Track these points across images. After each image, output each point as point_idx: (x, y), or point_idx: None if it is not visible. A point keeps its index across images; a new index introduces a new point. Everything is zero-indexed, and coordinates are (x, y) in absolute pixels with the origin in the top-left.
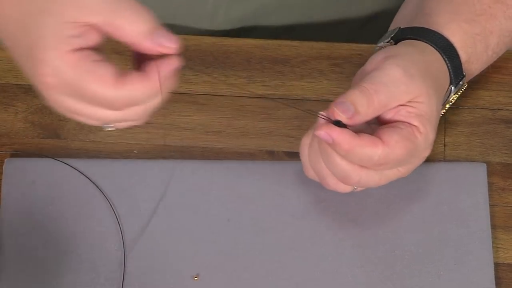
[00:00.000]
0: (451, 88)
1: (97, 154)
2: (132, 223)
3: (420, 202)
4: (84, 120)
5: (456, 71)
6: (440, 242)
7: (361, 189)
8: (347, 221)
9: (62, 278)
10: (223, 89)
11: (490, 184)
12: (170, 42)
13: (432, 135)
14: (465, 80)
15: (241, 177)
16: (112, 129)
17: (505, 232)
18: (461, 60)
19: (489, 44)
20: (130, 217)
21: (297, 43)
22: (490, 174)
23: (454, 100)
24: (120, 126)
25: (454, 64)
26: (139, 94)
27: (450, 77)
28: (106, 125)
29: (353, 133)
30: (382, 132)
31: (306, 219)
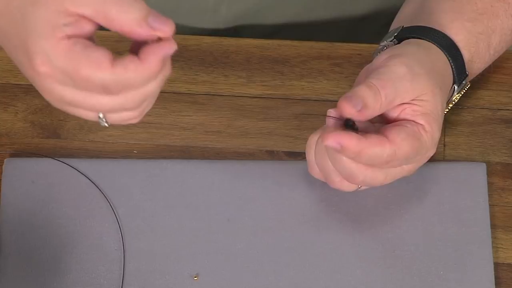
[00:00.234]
0: (455, 87)
1: (97, 154)
2: (132, 223)
3: (420, 202)
4: (80, 113)
5: (460, 70)
6: (440, 242)
7: (365, 188)
8: (347, 221)
9: (62, 278)
10: (223, 89)
11: (490, 184)
12: (164, 25)
13: (438, 134)
14: (468, 79)
15: (241, 177)
16: (107, 125)
17: (505, 232)
18: (465, 59)
19: (491, 43)
20: (130, 217)
21: (297, 43)
22: (490, 174)
23: (457, 100)
24: (116, 121)
25: (458, 63)
26: (135, 76)
27: (454, 76)
28: (102, 120)
29: (360, 136)
30: (388, 131)
31: (306, 219)
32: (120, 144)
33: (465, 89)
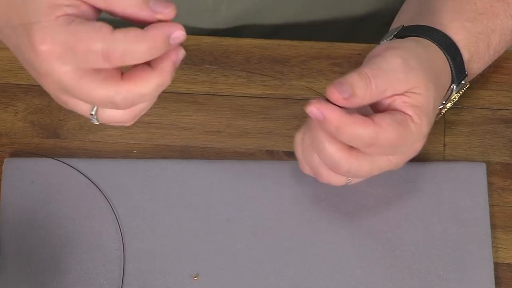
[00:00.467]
0: (453, 87)
1: (97, 154)
2: (132, 223)
3: (420, 202)
4: (75, 104)
5: (458, 70)
6: (440, 242)
7: (356, 182)
8: (347, 221)
9: (62, 278)
10: (223, 89)
11: (490, 184)
12: (165, 8)
13: (426, 128)
14: (468, 79)
15: (241, 177)
16: (97, 123)
17: (505, 232)
18: (464, 59)
19: (491, 43)
20: (130, 217)
21: (297, 43)
22: (490, 174)
23: (456, 99)
24: (107, 120)
25: (457, 63)
26: (138, 46)
27: (452, 76)
28: (93, 116)
29: (344, 111)
30: (375, 115)
31: (306, 219)
32: (120, 144)
33: (464, 89)
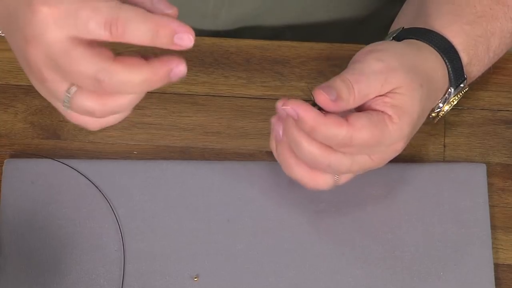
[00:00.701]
0: (451, 90)
1: (97, 155)
2: (132, 224)
3: (420, 203)
4: (53, 81)
5: (457, 73)
6: (440, 243)
7: (344, 181)
8: (347, 222)
9: (62, 279)
10: (223, 90)
11: (490, 185)
12: (168, 9)
13: (408, 129)
14: (467, 83)
15: (241, 178)
16: (68, 110)
17: (505, 233)
18: (463, 62)
19: (491, 46)
20: (130, 218)
21: (297, 44)
22: (490, 175)
23: (455, 102)
24: (78, 109)
25: (455, 66)
26: (137, 19)
27: (450, 79)
28: (67, 99)
29: (319, 112)
30: (351, 115)
31: (306, 220)
32: (120, 145)
33: (463, 92)
